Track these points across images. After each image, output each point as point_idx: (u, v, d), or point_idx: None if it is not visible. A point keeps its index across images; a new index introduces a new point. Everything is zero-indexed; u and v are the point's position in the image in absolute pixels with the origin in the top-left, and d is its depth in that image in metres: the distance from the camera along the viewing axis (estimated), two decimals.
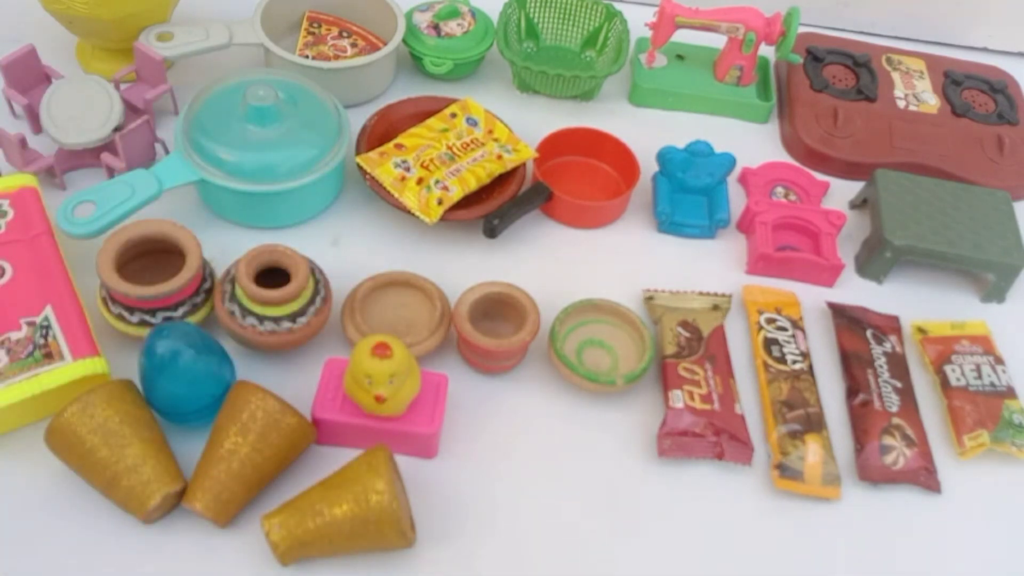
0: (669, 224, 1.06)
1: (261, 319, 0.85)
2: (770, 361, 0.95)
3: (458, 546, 0.81)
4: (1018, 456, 0.91)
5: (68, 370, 0.81)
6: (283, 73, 1.04)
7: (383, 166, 1.01)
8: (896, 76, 1.23)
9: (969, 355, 0.97)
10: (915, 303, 1.04)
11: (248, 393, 0.79)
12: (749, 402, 0.93)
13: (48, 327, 0.83)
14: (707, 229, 1.06)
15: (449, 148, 1.04)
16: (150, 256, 0.90)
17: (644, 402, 0.92)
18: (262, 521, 0.76)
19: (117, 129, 1.00)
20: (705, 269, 1.04)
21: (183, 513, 0.80)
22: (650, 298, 0.99)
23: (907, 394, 0.94)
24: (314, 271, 0.90)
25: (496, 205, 1.01)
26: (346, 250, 1.01)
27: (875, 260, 1.04)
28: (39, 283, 0.86)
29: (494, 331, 0.92)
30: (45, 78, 1.06)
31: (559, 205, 1.05)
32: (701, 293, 1.00)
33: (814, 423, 0.90)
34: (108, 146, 1.01)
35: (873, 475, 0.89)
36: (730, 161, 1.08)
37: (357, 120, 1.07)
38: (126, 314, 0.86)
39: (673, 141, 1.09)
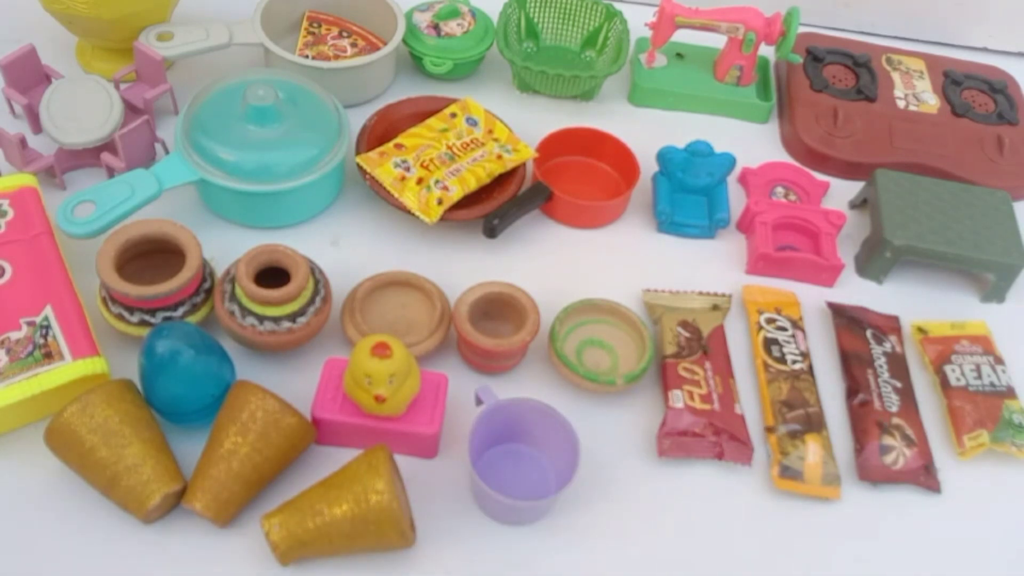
0: (669, 224, 1.06)
1: (261, 319, 0.85)
2: (770, 361, 0.95)
3: (458, 546, 0.81)
4: (1018, 456, 0.91)
5: (68, 370, 0.81)
6: (283, 73, 1.04)
7: (383, 166, 1.01)
8: (896, 76, 1.23)
9: (969, 355, 0.97)
10: (915, 303, 1.04)
11: (248, 393, 0.79)
12: (749, 402, 0.93)
13: (48, 327, 0.83)
14: (707, 229, 1.06)
15: (449, 148, 1.04)
16: (150, 256, 0.90)
17: (644, 402, 0.92)
18: (262, 521, 0.76)
19: (117, 129, 1.00)
20: (705, 269, 1.04)
21: (183, 513, 0.80)
22: (649, 298, 0.99)
23: (907, 394, 0.94)
24: (314, 271, 0.90)
25: (496, 205, 1.01)
26: (346, 250, 1.00)
27: (875, 260, 1.04)
28: (39, 283, 0.86)
29: (494, 331, 0.92)
30: (45, 78, 1.06)
31: (559, 205, 1.05)
32: (701, 293, 1.00)
33: (814, 423, 0.90)
34: (108, 146, 1.01)
35: (873, 475, 0.89)
36: (730, 161, 1.08)
37: (357, 120, 1.07)
38: (126, 314, 0.86)
39: (673, 141, 1.09)
